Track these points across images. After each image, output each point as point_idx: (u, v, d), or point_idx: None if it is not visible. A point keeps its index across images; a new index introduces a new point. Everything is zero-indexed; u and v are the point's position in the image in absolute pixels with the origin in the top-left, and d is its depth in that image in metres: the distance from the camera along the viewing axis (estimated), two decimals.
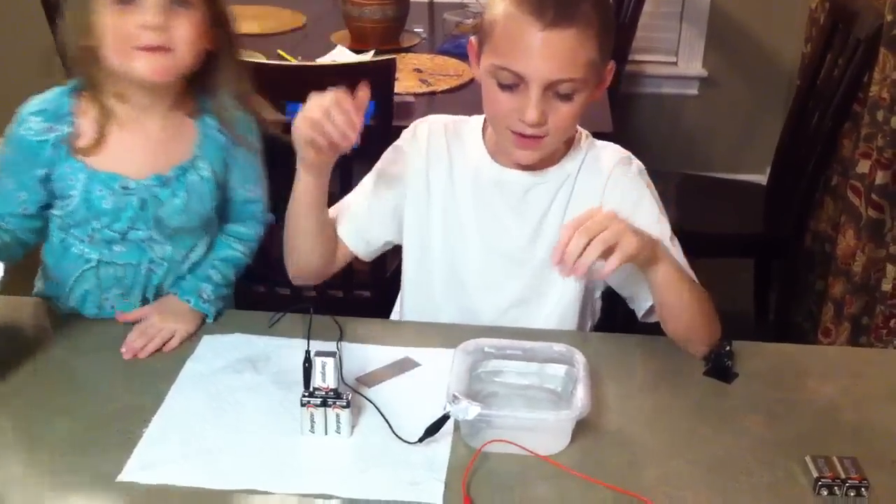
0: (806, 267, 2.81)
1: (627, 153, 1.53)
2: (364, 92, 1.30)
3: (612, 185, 1.47)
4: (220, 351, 1.40)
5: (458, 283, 1.53)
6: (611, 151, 1.51)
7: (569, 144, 1.49)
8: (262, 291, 2.15)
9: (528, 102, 1.33)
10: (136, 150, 1.41)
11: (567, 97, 1.35)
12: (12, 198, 1.41)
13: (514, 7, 1.32)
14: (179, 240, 1.47)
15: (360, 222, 1.52)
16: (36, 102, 1.39)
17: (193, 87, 1.44)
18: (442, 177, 1.50)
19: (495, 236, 1.50)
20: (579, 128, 1.50)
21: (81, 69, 1.38)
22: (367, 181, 1.55)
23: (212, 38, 1.39)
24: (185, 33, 1.34)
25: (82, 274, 1.45)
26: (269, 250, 1.81)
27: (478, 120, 1.52)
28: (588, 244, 1.23)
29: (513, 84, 1.34)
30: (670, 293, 1.37)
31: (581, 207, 1.45)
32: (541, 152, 1.41)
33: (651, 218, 1.45)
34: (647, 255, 1.31)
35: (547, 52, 1.31)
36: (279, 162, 1.61)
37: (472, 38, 1.42)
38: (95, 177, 1.39)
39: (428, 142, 1.51)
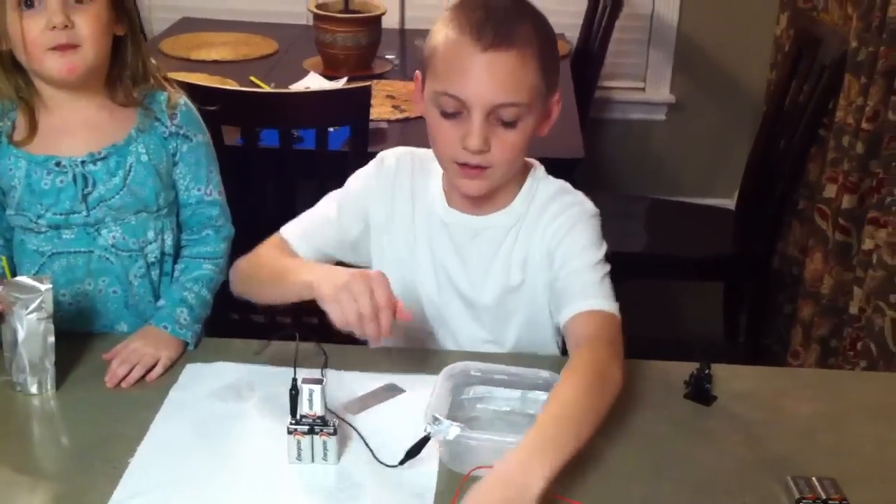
0: (775, 289, 2.85)
1: (574, 192, 1.48)
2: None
3: (547, 221, 1.44)
4: (203, 379, 1.39)
5: (423, 320, 1.52)
6: (555, 188, 1.47)
7: (519, 185, 1.46)
8: (236, 319, 2.15)
9: (471, 129, 1.32)
10: (72, 132, 1.47)
11: (511, 124, 1.33)
12: None
13: (454, 31, 1.32)
14: (128, 226, 1.49)
15: (317, 244, 1.50)
16: None
17: (123, 76, 1.49)
18: (406, 210, 1.49)
19: (448, 277, 1.49)
20: (536, 164, 1.49)
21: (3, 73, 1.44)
22: (331, 207, 1.53)
23: (118, 25, 1.46)
24: (89, 28, 1.40)
25: (40, 269, 1.47)
26: None
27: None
28: None
29: (455, 111, 1.33)
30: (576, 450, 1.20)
31: (526, 251, 1.45)
32: (487, 182, 1.38)
33: (577, 246, 1.41)
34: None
35: (488, 75, 1.30)
36: (238, 175, 1.63)
37: (417, 72, 1.41)
38: (33, 160, 1.44)
39: (395, 174, 1.50)
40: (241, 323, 2.17)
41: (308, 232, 1.50)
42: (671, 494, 1.21)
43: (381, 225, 1.51)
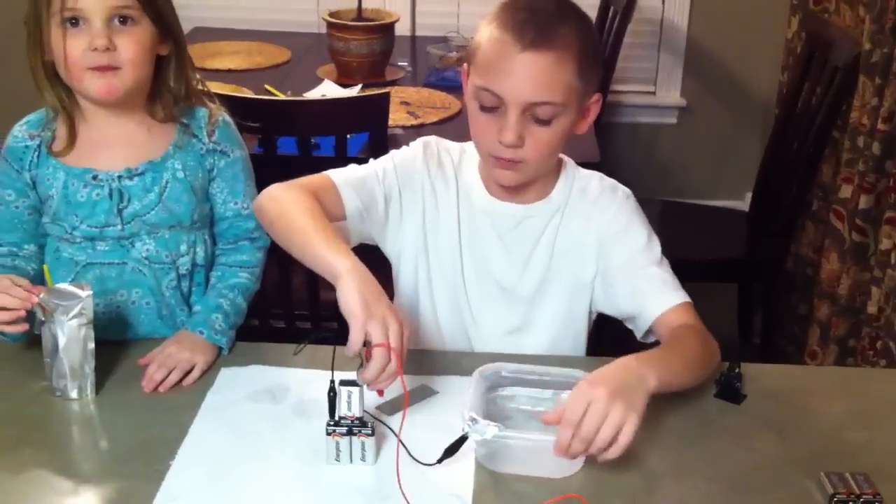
0: (789, 291, 2.86)
1: (612, 181, 1.55)
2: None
3: (599, 214, 1.50)
4: (238, 382, 1.41)
5: (457, 308, 1.55)
6: (596, 180, 1.54)
7: (556, 176, 1.51)
8: (255, 325, 2.17)
9: (506, 124, 1.36)
10: (109, 147, 1.49)
11: (545, 122, 1.37)
12: (19, 216, 1.51)
13: (497, 29, 1.36)
14: (161, 240, 1.51)
15: (364, 199, 1.46)
16: (25, 118, 1.51)
17: (164, 93, 1.51)
18: (449, 196, 1.52)
19: (487, 265, 1.52)
20: (566, 158, 1.53)
21: (43, 83, 1.45)
22: (379, 168, 1.50)
23: (163, 45, 1.47)
24: (131, 52, 1.41)
25: (75, 277, 1.49)
26: (289, 286, 1.82)
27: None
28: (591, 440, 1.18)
29: (493, 106, 1.37)
30: (667, 389, 1.30)
31: (568, 239, 1.50)
32: (520, 175, 1.43)
33: (640, 242, 1.48)
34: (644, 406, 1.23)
35: (525, 74, 1.34)
36: (276, 178, 1.64)
37: (465, 66, 1.46)
38: (71, 172, 1.47)
39: (439, 159, 1.53)
40: (261, 329, 2.19)
41: (358, 184, 1.47)
42: (706, 492, 1.22)
43: (427, 207, 1.52)
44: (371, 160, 1.54)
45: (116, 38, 1.40)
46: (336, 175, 1.47)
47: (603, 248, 1.49)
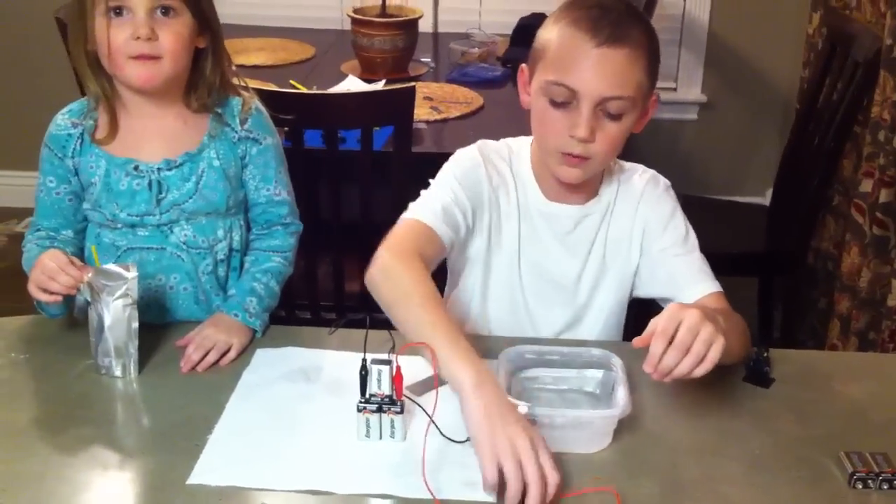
0: (809, 285, 2.88)
1: (653, 172, 1.60)
2: None
3: (644, 206, 1.55)
4: (273, 363, 1.45)
5: (514, 310, 1.59)
6: (640, 172, 1.59)
7: (603, 172, 1.55)
8: (282, 315, 2.20)
9: (580, 118, 1.39)
10: (150, 138, 1.53)
11: (615, 117, 1.41)
12: (59, 203, 1.55)
13: (571, 26, 1.40)
14: (199, 226, 1.55)
15: (453, 224, 1.47)
16: (67, 107, 1.56)
17: (200, 85, 1.55)
18: (512, 203, 1.55)
19: (545, 266, 1.56)
20: None
21: (86, 72, 1.49)
22: (452, 186, 1.50)
23: (201, 37, 1.51)
24: (171, 43, 1.45)
25: (116, 261, 1.52)
26: (315, 277, 1.84)
27: (526, 149, 1.57)
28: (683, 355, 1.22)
29: (565, 101, 1.40)
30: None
31: (618, 232, 1.55)
32: (585, 172, 1.46)
33: (681, 231, 1.55)
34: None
35: (600, 69, 1.38)
36: (302, 171, 1.67)
37: (523, 66, 1.49)
38: (113, 161, 1.51)
39: (496, 166, 1.55)
40: (287, 320, 2.22)
41: (445, 217, 1.46)
42: (729, 471, 1.25)
43: (493, 209, 1.53)
44: (431, 182, 1.53)
45: (158, 29, 1.44)
46: (423, 215, 1.45)
47: (646, 237, 1.54)
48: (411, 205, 1.49)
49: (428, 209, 1.47)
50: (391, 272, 1.37)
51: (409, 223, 1.45)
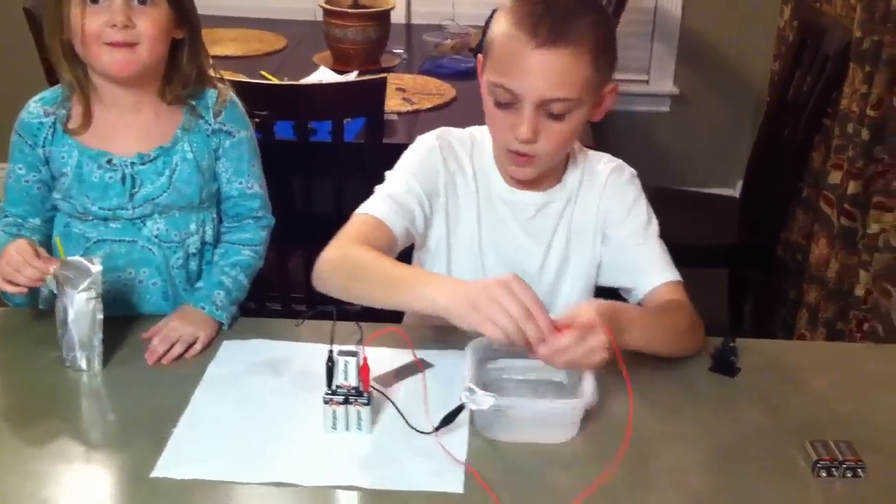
0: (779, 277, 2.89)
1: (619, 161, 1.59)
2: None
3: (608, 194, 1.54)
4: (240, 355, 1.44)
5: None
6: (605, 161, 1.58)
7: (567, 159, 1.54)
8: (253, 308, 2.19)
9: (521, 120, 1.37)
10: (124, 131, 1.51)
11: (559, 117, 1.38)
12: (28, 190, 1.53)
13: (511, 25, 1.36)
14: (171, 219, 1.54)
15: (408, 219, 1.47)
16: (39, 94, 1.54)
17: (175, 77, 1.53)
18: (470, 189, 1.54)
19: (509, 253, 1.55)
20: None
21: (60, 62, 1.48)
22: (405, 181, 1.49)
23: (178, 29, 1.50)
24: (148, 30, 1.44)
25: (85, 253, 1.51)
26: (286, 269, 1.83)
27: (490, 137, 1.55)
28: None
29: (508, 102, 1.38)
30: (645, 347, 1.38)
31: (581, 220, 1.54)
32: (534, 169, 1.46)
33: (643, 219, 1.54)
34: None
35: (539, 71, 1.34)
36: (273, 162, 1.67)
37: (480, 55, 1.47)
38: (85, 153, 1.50)
39: (455, 152, 1.54)
40: (258, 312, 2.21)
41: (397, 207, 1.46)
42: (696, 460, 1.26)
43: (449, 196, 1.53)
44: (387, 175, 1.52)
45: (135, 17, 1.43)
46: (374, 209, 1.46)
47: (608, 225, 1.54)
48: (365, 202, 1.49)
49: (378, 202, 1.47)
50: (338, 260, 1.40)
51: (358, 219, 1.46)
